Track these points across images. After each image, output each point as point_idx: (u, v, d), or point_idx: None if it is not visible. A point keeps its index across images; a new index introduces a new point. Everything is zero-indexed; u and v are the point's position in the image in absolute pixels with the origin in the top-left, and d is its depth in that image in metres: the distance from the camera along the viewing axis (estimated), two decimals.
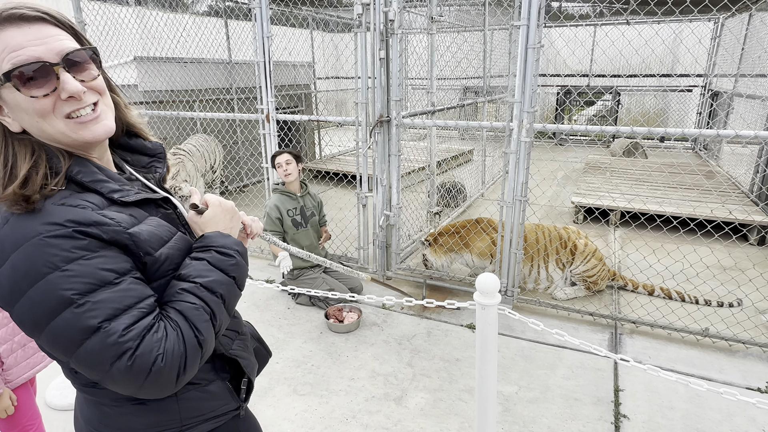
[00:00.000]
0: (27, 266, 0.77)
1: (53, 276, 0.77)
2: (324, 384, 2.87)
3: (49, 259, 0.78)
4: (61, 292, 0.77)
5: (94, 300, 0.79)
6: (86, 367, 0.81)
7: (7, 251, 0.78)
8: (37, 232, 0.79)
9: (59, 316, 0.78)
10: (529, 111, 3.25)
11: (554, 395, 2.74)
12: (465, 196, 6.39)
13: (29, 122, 0.84)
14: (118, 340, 0.79)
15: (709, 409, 2.62)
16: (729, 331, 3.20)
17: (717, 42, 9.37)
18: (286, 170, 3.68)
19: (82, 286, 0.78)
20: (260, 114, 4.31)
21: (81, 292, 0.78)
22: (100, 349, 0.79)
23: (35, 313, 0.78)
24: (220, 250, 0.95)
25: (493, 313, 1.56)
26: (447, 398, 2.73)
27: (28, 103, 0.82)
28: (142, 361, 0.80)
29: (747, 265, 4.22)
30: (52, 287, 0.77)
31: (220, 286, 0.92)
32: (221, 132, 6.75)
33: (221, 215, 1.02)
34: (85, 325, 0.78)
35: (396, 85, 3.75)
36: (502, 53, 7.58)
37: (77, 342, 0.79)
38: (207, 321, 0.89)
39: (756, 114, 6.80)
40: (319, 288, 3.71)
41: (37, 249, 0.78)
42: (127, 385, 0.82)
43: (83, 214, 0.82)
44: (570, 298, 3.82)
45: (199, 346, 0.87)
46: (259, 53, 4.10)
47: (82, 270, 0.79)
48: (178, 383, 0.85)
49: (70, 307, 0.78)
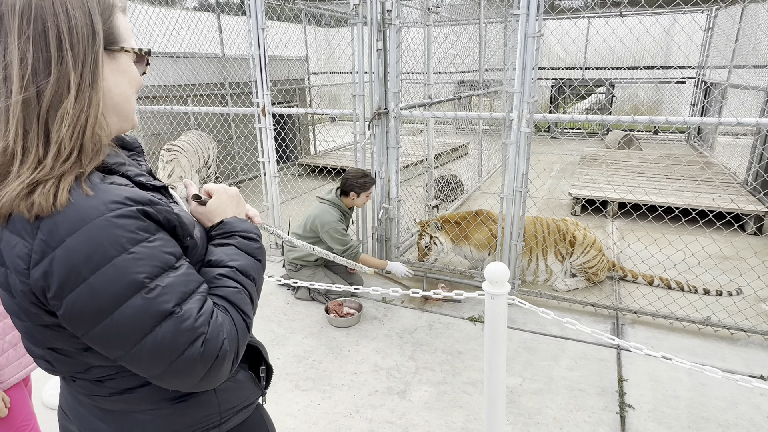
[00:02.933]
0: (89, 250, 0.70)
1: (121, 259, 0.71)
2: (326, 379, 2.83)
3: (117, 241, 0.71)
4: (132, 276, 0.72)
5: (163, 284, 0.75)
6: (150, 357, 0.75)
7: (62, 235, 0.70)
8: (100, 211, 0.72)
9: (128, 302, 0.72)
10: (529, 101, 3.21)
11: (558, 386, 2.73)
12: (462, 189, 6.36)
13: (125, 91, 0.83)
14: (193, 325, 0.76)
15: (714, 397, 2.61)
16: (730, 319, 3.20)
17: (710, 34, 9.39)
18: (367, 201, 3.70)
19: (151, 269, 0.74)
20: (256, 108, 4.24)
21: (151, 276, 0.74)
22: (173, 335, 0.74)
23: (98, 301, 0.71)
24: (244, 234, 0.94)
25: (502, 302, 1.52)
26: (451, 391, 2.70)
27: (136, 74, 0.84)
28: (211, 346, 0.78)
29: (748, 253, 4.23)
30: (121, 271, 0.71)
31: (252, 269, 0.92)
32: (215, 127, 6.67)
33: (228, 202, 1.00)
34: (158, 310, 0.74)
35: (394, 77, 3.71)
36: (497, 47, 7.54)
37: (147, 329, 0.73)
38: (249, 304, 0.89)
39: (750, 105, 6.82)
40: (320, 282, 3.66)
41: (102, 231, 0.71)
42: (191, 374, 0.77)
43: (138, 193, 0.77)
44: (571, 289, 3.80)
45: (248, 329, 0.87)
46: (254, 46, 4.03)
47: (149, 253, 0.74)
48: (232, 369, 0.84)
49: (140, 292, 0.73)
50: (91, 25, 0.75)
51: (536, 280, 3.94)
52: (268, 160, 4.32)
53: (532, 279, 3.94)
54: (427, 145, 5.33)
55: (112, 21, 0.80)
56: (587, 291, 3.78)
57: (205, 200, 0.99)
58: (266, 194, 4.42)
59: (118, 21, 0.82)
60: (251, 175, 7.52)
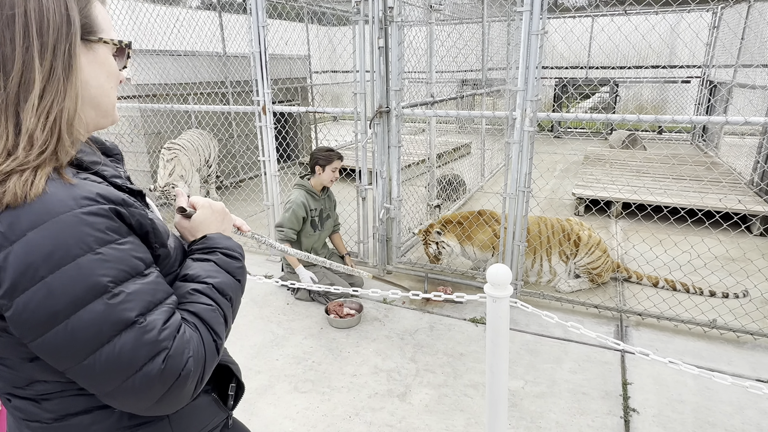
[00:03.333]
0: (51, 246, 0.65)
1: (85, 259, 0.66)
2: (326, 381, 2.80)
3: (83, 240, 0.66)
4: (96, 278, 0.67)
5: (128, 290, 0.69)
6: (104, 371, 0.69)
7: (23, 228, 0.64)
8: (69, 206, 0.66)
9: (87, 306, 0.66)
10: (532, 100, 3.17)
11: (561, 389, 2.68)
12: (465, 188, 6.32)
13: (104, 84, 0.80)
14: (156, 338, 0.70)
15: (720, 402, 2.56)
16: (737, 322, 3.15)
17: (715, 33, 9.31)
18: (335, 177, 3.61)
19: (117, 273, 0.69)
20: (256, 106, 4.21)
21: (116, 280, 0.69)
22: (133, 347, 0.69)
23: (54, 303, 0.65)
24: (226, 251, 0.91)
25: (505, 305, 1.49)
26: (452, 394, 2.67)
27: (115, 68, 0.81)
28: (174, 363, 0.72)
29: (755, 255, 4.17)
30: (84, 272, 0.66)
31: (229, 288, 0.87)
32: (215, 126, 6.65)
33: (212, 217, 0.96)
34: (119, 318, 0.68)
35: (395, 75, 3.67)
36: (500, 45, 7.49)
37: (105, 338, 0.67)
38: (222, 324, 0.83)
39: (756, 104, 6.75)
40: (320, 283, 3.63)
41: (69, 227, 0.66)
42: (148, 394, 0.71)
43: (111, 192, 0.72)
44: (574, 290, 3.76)
45: (217, 352, 0.81)
46: (254, 43, 4.00)
47: (117, 255, 0.69)
48: (194, 393, 0.77)
49: (102, 297, 0.67)
50: (65, 13, 0.72)
51: (539, 281, 3.90)
52: (268, 159, 4.29)
53: (535, 280, 3.90)
54: (429, 144, 5.28)
55: (89, 9, 0.77)
56: (591, 292, 3.73)
57: (190, 213, 0.95)
58: (267, 193, 4.39)
59: (96, 10, 0.78)
60: (251, 174, 7.50)
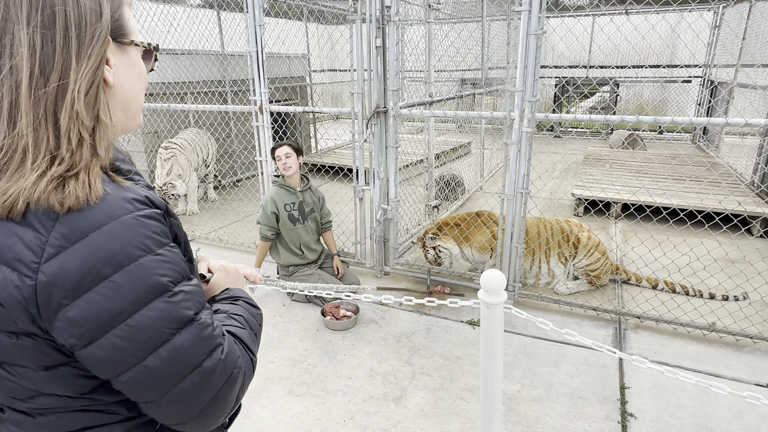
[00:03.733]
0: (115, 247, 0.66)
1: (147, 259, 0.68)
2: (321, 384, 2.77)
3: (143, 241, 0.68)
4: (157, 278, 0.69)
5: (185, 290, 0.72)
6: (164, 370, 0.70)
7: (84, 229, 0.66)
8: (127, 209, 0.69)
9: (149, 305, 0.68)
10: (530, 100, 3.14)
11: (558, 393, 2.66)
12: (464, 189, 6.29)
13: (135, 86, 0.80)
14: (213, 333, 0.74)
15: (719, 407, 2.54)
16: (736, 325, 3.12)
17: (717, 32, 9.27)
18: (285, 163, 3.56)
19: (174, 274, 0.71)
20: (253, 106, 4.18)
21: (174, 280, 0.71)
22: (193, 343, 0.71)
23: (117, 303, 0.66)
24: (248, 300, 0.96)
25: (499, 312, 1.46)
26: (448, 398, 2.64)
27: (144, 70, 0.82)
28: (228, 360, 0.75)
29: (755, 257, 4.14)
30: (146, 272, 0.68)
31: (255, 326, 0.91)
32: (213, 125, 6.62)
33: (227, 279, 1.02)
34: (180, 315, 0.71)
35: (393, 75, 3.64)
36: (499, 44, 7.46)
37: (166, 336, 0.69)
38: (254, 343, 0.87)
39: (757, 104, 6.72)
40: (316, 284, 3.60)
41: (129, 228, 0.68)
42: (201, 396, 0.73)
43: (157, 197, 0.75)
44: (572, 292, 3.73)
45: (253, 367, 0.84)
46: (251, 43, 3.97)
47: (172, 257, 0.72)
48: (235, 404, 0.80)
49: (163, 296, 0.69)
50: (99, 13, 0.72)
51: (537, 283, 3.87)
52: (265, 159, 4.26)
53: (533, 282, 3.87)
54: (427, 145, 5.26)
55: (121, 12, 0.77)
56: (589, 294, 3.71)
57: (209, 279, 1.02)
58: (264, 193, 4.37)
59: (126, 13, 0.78)
60: (249, 174, 7.47)
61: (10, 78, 0.67)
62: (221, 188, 7.01)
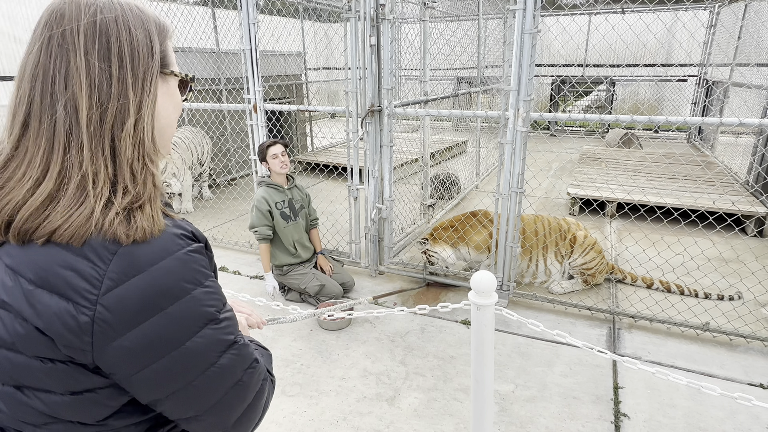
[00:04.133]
0: (170, 282, 0.70)
1: (198, 292, 0.74)
2: (314, 384, 2.76)
3: (194, 275, 0.73)
4: (205, 308, 0.74)
5: (227, 316, 0.78)
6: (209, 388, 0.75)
7: (142, 264, 0.69)
8: (180, 245, 0.73)
9: (199, 332, 0.74)
10: (525, 99, 3.13)
11: (552, 393, 2.66)
12: (459, 188, 6.28)
13: (171, 115, 0.83)
14: (249, 351, 0.81)
15: (711, 406, 2.54)
16: (730, 325, 3.13)
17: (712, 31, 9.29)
18: (283, 160, 3.55)
19: (218, 303, 0.77)
20: (247, 104, 4.16)
21: (218, 309, 0.77)
22: (235, 362, 0.78)
23: (173, 331, 0.71)
24: (258, 343, 1.00)
25: (489, 313, 1.45)
26: (441, 398, 2.64)
27: (180, 100, 0.85)
28: (259, 373, 0.83)
29: (748, 257, 4.15)
30: (197, 303, 0.73)
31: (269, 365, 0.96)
32: (207, 123, 6.58)
33: None
34: (224, 340, 0.77)
35: (387, 74, 3.62)
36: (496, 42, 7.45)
37: (213, 359, 0.75)
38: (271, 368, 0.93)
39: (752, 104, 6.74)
40: (309, 284, 3.59)
41: (182, 264, 0.72)
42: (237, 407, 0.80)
43: (198, 231, 0.80)
44: (567, 292, 3.73)
45: (273, 386, 0.91)
46: (245, 40, 3.95)
47: (216, 287, 0.78)
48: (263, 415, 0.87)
49: (211, 323, 0.75)
50: (150, 45, 0.76)
51: (534, 281, 3.87)
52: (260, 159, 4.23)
53: (530, 280, 3.87)
54: (422, 144, 5.24)
55: (166, 44, 0.80)
56: (584, 294, 3.71)
57: None
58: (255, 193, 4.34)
59: (170, 46, 0.81)
60: (244, 173, 7.44)
61: (67, 105, 0.69)
62: (216, 187, 6.98)
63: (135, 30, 0.74)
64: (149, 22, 0.77)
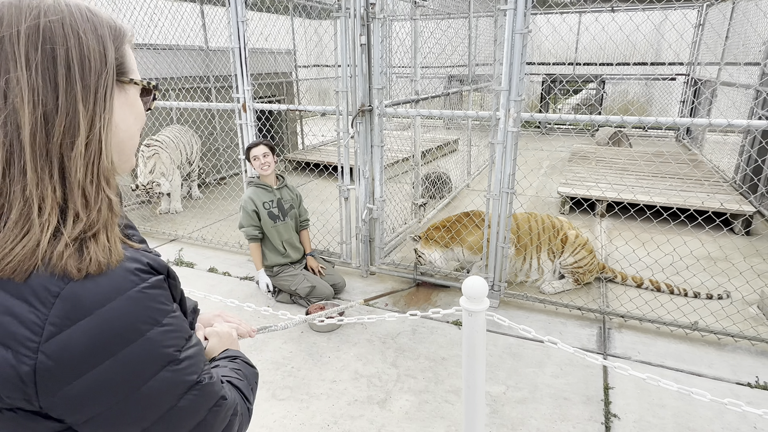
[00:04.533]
0: (121, 324, 0.64)
1: (154, 332, 0.67)
2: (304, 387, 2.74)
3: (150, 315, 0.67)
4: (163, 350, 0.68)
5: (188, 355, 0.72)
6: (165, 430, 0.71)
7: (88, 306, 0.62)
8: (131, 282, 0.65)
9: (156, 376, 0.67)
10: (516, 100, 3.13)
11: (543, 395, 2.66)
12: (450, 187, 6.28)
13: (131, 126, 0.75)
14: (214, 389, 0.76)
15: (700, 406, 2.56)
16: (718, 324, 3.15)
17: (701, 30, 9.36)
18: (263, 162, 3.51)
19: (178, 341, 0.71)
20: (236, 103, 4.11)
21: (178, 347, 0.71)
22: (196, 404, 0.73)
23: (125, 377, 0.65)
24: (245, 360, 0.97)
25: (481, 319, 1.44)
26: (433, 400, 2.63)
27: (142, 110, 0.78)
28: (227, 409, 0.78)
29: (736, 256, 4.19)
30: (153, 345, 0.67)
31: (254, 385, 0.94)
32: (196, 122, 6.50)
33: (220, 343, 1.02)
34: (184, 381, 0.71)
35: (378, 73, 3.60)
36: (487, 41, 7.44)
37: (173, 402, 0.70)
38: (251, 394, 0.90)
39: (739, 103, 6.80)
40: (300, 285, 3.57)
41: (135, 303, 0.65)
42: None
43: (158, 262, 0.72)
44: (558, 291, 3.74)
45: (249, 414, 0.87)
46: (234, 39, 3.90)
47: (176, 324, 0.71)
48: None
49: (169, 365, 0.69)
50: (103, 53, 0.68)
51: (527, 280, 3.88)
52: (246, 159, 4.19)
53: (523, 279, 3.87)
54: (413, 143, 5.23)
55: (123, 50, 0.73)
56: (574, 293, 3.72)
57: (204, 347, 1.02)
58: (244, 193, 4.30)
59: (128, 51, 0.74)
60: (233, 172, 7.37)
61: (7, 121, 0.61)
62: (205, 186, 6.91)
63: (85, 35, 0.66)
64: (102, 25, 0.68)
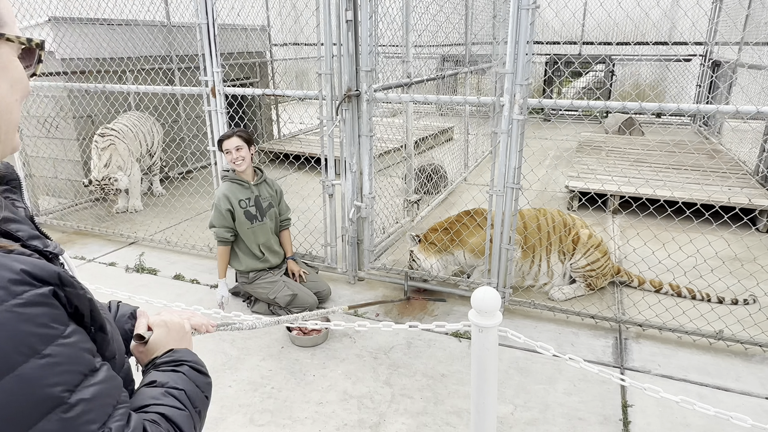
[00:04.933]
0: None
1: (30, 366, 0.58)
2: (287, 411, 2.70)
3: (24, 341, 0.57)
4: (45, 390, 0.59)
5: (85, 398, 0.63)
6: None
7: None
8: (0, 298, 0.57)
9: (37, 425, 0.58)
10: (522, 84, 3.10)
11: (555, 414, 2.65)
12: (446, 182, 6.26)
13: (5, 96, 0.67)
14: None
15: (728, 424, 2.57)
16: (745, 333, 3.17)
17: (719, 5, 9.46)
18: (235, 157, 3.43)
19: (70, 377, 0.62)
20: (204, 87, 4.03)
21: (69, 387, 0.61)
22: None
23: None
24: (193, 365, 0.91)
25: (493, 336, 1.41)
26: (432, 423, 2.60)
27: (21, 74, 0.68)
28: None
29: (764, 257, 4.22)
30: (31, 384, 0.57)
31: (199, 401, 0.86)
32: (158, 108, 6.38)
33: (168, 336, 0.97)
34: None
35: (366, 53, 3.55)
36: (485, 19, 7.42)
37: None
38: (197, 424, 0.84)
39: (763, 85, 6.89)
40: (279, 293, 3.51)
41: (2, 328, 0.56)
42: None
43: (43, 267, 0.62)
44: (568, 298, 3.74)
45: None
46: (201, 13, 3.81)
47: (67, 354, 0.62)
48: None
49: (55, 411, 0.59)
50: None
51: (534, 285, 3.87)
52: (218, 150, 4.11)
53: (531, 283, 3.86)
54: (405, 131, 5.19)
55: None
56: (587, 300, 3.72)
57: (148, 339, 0.97)
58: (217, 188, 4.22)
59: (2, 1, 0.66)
60: (201, 165, 7.26)
61: None
62: (168, 181, 6.79)
63: None
64: None
